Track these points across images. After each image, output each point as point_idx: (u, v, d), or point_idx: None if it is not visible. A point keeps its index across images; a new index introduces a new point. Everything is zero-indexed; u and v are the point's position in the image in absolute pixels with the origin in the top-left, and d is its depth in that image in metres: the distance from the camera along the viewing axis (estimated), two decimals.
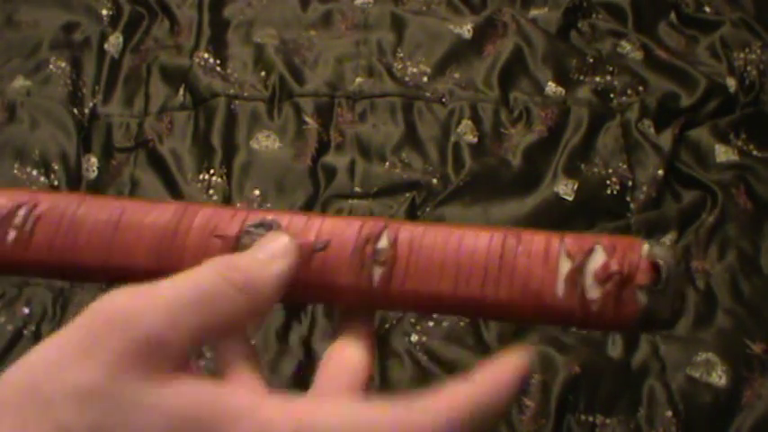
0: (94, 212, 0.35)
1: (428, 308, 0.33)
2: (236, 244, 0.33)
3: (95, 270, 0.35)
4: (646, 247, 0.31)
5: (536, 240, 0.32)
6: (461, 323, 0.73)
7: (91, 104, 0.91)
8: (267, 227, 0.33)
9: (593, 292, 0.30)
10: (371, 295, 0.32)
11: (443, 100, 0.90)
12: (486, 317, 0.32)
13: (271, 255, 0.31)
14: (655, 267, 0.30)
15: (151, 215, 0.34)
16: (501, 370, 0.28)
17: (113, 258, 0.34)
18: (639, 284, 0.30)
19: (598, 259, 0.31)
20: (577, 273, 0.31)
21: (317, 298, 0.35)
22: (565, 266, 0.31)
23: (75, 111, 0.90)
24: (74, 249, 0.34)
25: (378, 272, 0.32)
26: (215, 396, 0.26)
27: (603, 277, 0.30)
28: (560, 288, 0.31)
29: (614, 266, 0.30)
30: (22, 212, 0.35)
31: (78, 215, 0.35)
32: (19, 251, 0.35)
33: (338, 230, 0.33)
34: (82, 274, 0.35)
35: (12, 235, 0.35)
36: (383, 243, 0.32)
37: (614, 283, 0.30)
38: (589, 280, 0.31)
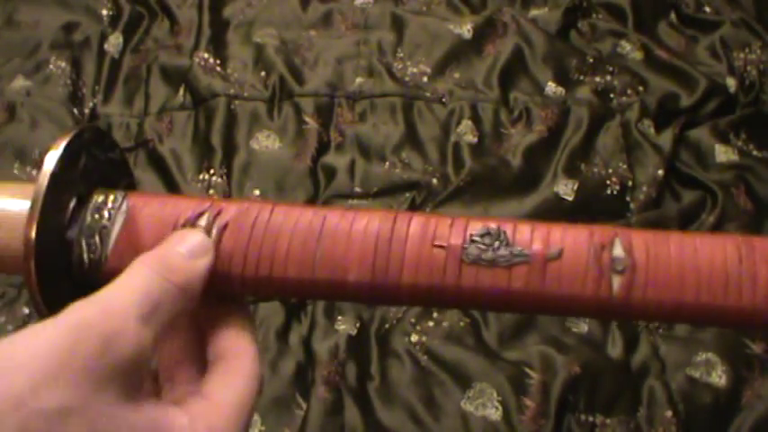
0: (291, 221, 0.31)
1: (668, 317, 0.32)
2: (462, 253, 0.31)
3: (301, 285, 0.31)
4: None
5: None
6: (461, 323, 0.73)
7: (91, 104, 0.91)
8: (494, 236, 0.31)
9: None
10: (611, 306, 0.31)
11: (443, 100, 0.90)
12: (725, 325, 0.33)
13: (193, 251, 0.31)
14: None
15: (358, 222, 0.31)
16: None
17: (321, 272, 0.31)
18: None
19: None
20: None
21: (552, 309, 0.32)
22: None
23: (75, 111, 0.90)
24: (273, 262, 0.31)
25: (617, 281, 0.31)
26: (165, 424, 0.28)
27: None
28: None
29: None
30: (203, 222, 0.32)
31: (272, 224, 0.31)
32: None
33: (569, 238, 0.31)
34: (281, 290, 0.32)
35: None
36: (618, 251, 0.31)
37: None
38: None
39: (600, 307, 0.31)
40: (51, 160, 0.33)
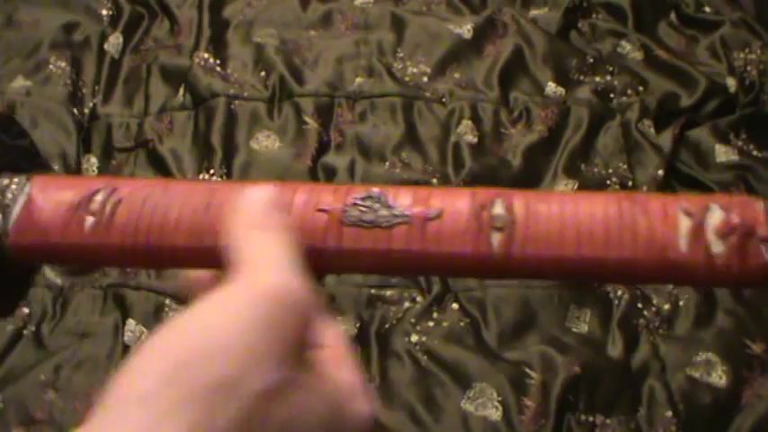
0: (182, 195, 0.33)
1: (550, 273, 0.32)
2: (342, 216, 0.32)
3: (187, 253, 0.33)
4: (761, 203, 0.31)
5: (651, 201, 0.32)
6: (461, 323, 0.73)
7: (91, 104, 0.91)
8: (375, 199, 0.32)
9: (717, 247, 0.30)
10: (492, 262, 0.31)
11: (443, 100, 0.90)
12: (609, 279, 0.34)
13: (267, 206, 0.30)
14: None
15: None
16: None
17: (207, 240, 0.32)
18: (762, 238, 0.30)
19: (716, 215, 0.31)
20: (699, 228, 0.31)
21: (434, 268, 0.33)
22: (685, 223, 0.31)
23: (75, 111, 0.90)
24: (162, 232, 0.32)
25: (496, 237, 0.31)
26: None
27: (726, 231, 0.30)
28: (684, 244, 0.30)
29: (735, 220, 0.30)
30: (99, 198, 0.33)
31: (164, 198, 0.33)
32: (99, 237, 0.33)
33: (449, 200, 0.32)
34: (170, 258, 0.33)
35: (90, 221, 0.33)
36: (499, 209, 0.32)
37: (738, 237, 0.30)
38: (711, 235, 0.30)
39: (481, 264, 0.32)
40: None
